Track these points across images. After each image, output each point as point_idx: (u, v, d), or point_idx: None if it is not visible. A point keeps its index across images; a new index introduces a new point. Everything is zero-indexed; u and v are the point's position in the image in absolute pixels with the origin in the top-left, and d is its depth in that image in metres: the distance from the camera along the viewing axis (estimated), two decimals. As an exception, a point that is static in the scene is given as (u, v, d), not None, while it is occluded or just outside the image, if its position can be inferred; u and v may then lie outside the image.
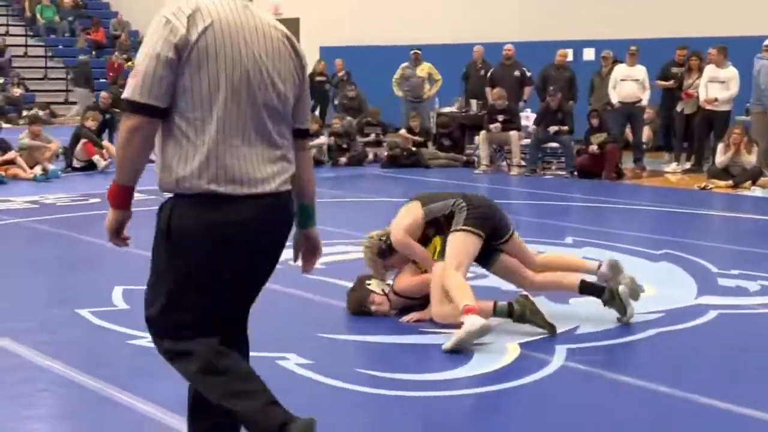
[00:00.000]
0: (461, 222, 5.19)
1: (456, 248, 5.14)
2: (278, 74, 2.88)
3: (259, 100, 2.83)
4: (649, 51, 14.31)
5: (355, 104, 16.75)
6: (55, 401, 3.99)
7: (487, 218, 5.26)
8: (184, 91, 2.73)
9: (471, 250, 5.17)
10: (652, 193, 11.59)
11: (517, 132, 13.28)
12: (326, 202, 10.59)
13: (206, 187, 2.76)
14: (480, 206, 5.30)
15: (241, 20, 2.81)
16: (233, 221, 2.80)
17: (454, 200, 5.32)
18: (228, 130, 2.77)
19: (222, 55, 2.75)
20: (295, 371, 4.38)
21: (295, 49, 2.96)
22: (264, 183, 2.83)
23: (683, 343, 5.01)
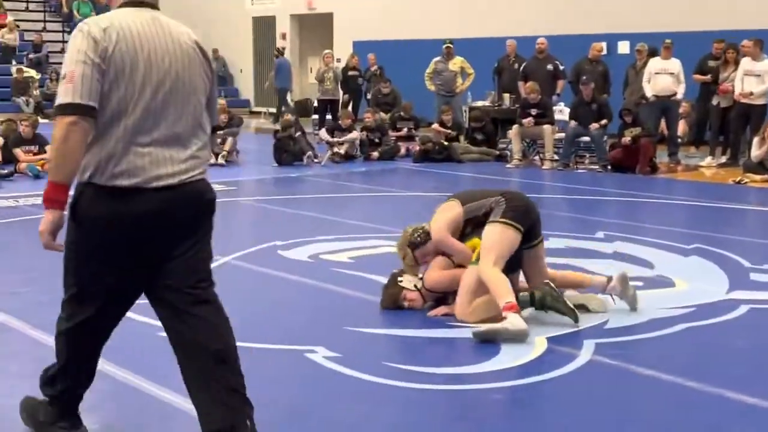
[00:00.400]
0: (499, 214, 5.10)
1: (492, 240, 5.05)
2: (188, 78, 3.16)
3: (170, 103, 3.10)
4: (685, 44, 14.19)
5: (390, 99, 16.76)
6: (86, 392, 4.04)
7: (527, 212, 5.18)
8: (107, 93, 3.01)
9: (507, 243, 5.06)
10: (685, 188, 11.49)
11: (550, 126, 13.21)
12: (357, 197, 10.65)
13: (112, 182, 3.02)
14: (519, 202, 5.22)
15: (152, 31, 3.13)
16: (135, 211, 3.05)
17: (494, 198, 5.23)
18: (136, 130, 3.04)
19: (133, 64, 3.03)
20: (323, 364, 4.41)
21: (203, 54, 3.26)
22: (170, 178, 3.07)
23: (713, 338, 4.97)
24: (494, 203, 5.19)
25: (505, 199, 5.18)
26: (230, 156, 13.37)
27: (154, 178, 3.05)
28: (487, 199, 5.26)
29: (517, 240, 5.09)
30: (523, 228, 5.10)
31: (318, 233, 7.71)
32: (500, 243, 5.04)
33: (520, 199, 5.26)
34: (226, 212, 9.63)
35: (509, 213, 5.09)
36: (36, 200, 9.61)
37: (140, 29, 3.10)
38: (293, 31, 24.51)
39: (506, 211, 5.09)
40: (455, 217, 5.33)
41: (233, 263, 6.64)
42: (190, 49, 3.21)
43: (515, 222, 5.07)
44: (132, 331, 4.90)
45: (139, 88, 3.04)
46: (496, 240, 5.05)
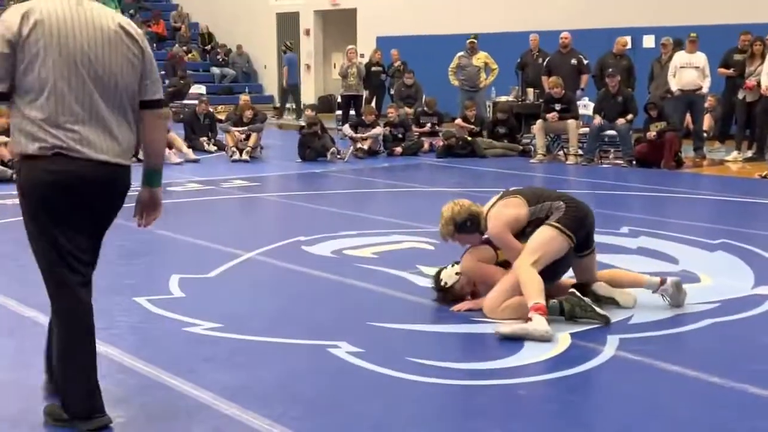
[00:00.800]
0: (556, 218, 5.06)
1: (539, 242, 5.01)
2: (109, 61, 3.40)
3: (89, 84, 3.36)
4: (710, 38, 14.08)
5: (412, 92, 16.76)
6: (113, 387, 4.08)
7: (583, 223, 5.12)
8: (23, 76, 3.29)
9: (554, 249, 5.02)
10: (711, 182, 11.42)
11: (574, 120, 13.16)
12: (381, 192, 10.66)
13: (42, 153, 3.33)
14: (578, 211, 5.15)
15: (72, 15, 3.34)
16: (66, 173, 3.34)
17: (555, 202, 5.15)
18: (59, 110, 3.32)
19: (52, 47, 3.28)
20: (345, 359, 4.43)
21: (130, 36, 3.49)
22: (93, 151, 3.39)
23: (738, 334, 4.94)
24: (554, 207, 5.13)
25: (565, 205, 5.12)
26: (254, 152, 13.43)
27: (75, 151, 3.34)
28: (548, 202, 5.17)
29: (564, 249, 5.06)
30: (575, 238, 5.06)
31: (341, 229, 7.73)
32: (547, 246, 5.02)
33: (579, 208, 5.18)
34: (250, 208, 9.70)
35: (565, 220, 5.06)
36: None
37: (60, 14, 3.32)
38: (317, 26, 24.53)
39: (563, 218, 5.06)
40: (519, 218, 5.19)
41: (257, 258, 6.68)
42: (112, 32, 3.42)
43: (569, 231, 5.04)
44: (158, 327, 4.97)
45: (56, 70, 3.29)
46: (544, 242, 5.02)
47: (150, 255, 6.94)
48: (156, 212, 3.90)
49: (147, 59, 3.55)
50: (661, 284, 5.33)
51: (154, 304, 5.36)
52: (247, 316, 5.17)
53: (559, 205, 5.13)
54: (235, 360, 4.41)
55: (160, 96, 3.65)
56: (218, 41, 25.95)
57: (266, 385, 4.09)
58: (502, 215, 5.20)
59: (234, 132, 13.49)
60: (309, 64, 24.62)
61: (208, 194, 10.02)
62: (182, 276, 6.02)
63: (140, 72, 3.52)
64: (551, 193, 5.33)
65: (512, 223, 5.17)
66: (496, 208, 5.26)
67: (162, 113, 3.69)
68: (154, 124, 3.67)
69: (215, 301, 5.51)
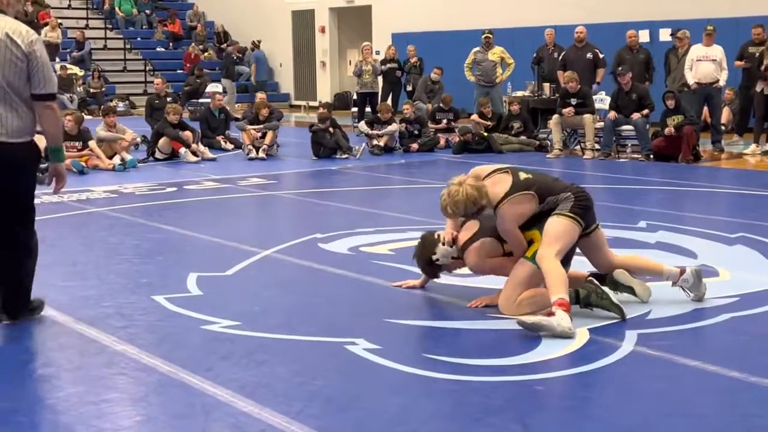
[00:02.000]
0: (567, 208, 5.08)
1: (557, 232, 5.04)
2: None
3: None
4: (727, 31, 14.00)
5: (436, 88, 16.74)
6: (131, 385, 4.11)
7: (588, 209, 5.17)
8: None
9: (570, 237, 5.07)
10: (729, 176, 11.35)
11: (590, 115, 13.11)
12: (397, 189, 10.66)
13: None
14: (586, 200, 5.17)
15: None
16: None
17: (565, 193, 5.15)
18: None
19: None
20: (363, 356, 4.43)
21: (14, 43, 4.56)
22: None
23: (757, 328, 4.91)
24: (561, 198, 5.14)
25: (573, 195, 5.14)
26: (271, 150, 13.44)
27: None
28: (553, 197, 5.16)
29: (577, 235, 5.12)
30: (584, 224, 5.13)
31: (358, 226, 7.73)
32: (567, 237, 5.05)
33: (586, 198, 5.20)
34: (266, 206, 9.71)
35: (576, 209, 5.09)
36: (81, 196, 9.75)
37: None
38: (332, 23, 24.55)
39: (574, 207, 5.08)
40: (527, 214, 5.16)
41: (274, 256, 6.69)
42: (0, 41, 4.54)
43: (580, 218, 5.09)
44: (176, 325, 4.98)
45: None
46: (562, 232, 5.05)
47: (167, 253, 6.96)
48: (61, 182, 4.88)
49: (32, 61, 4.58)
50: (681, 274, 5.31)
51: (172, 302, 5.38)
52: (264, 314, 5.18)
53: (567, 195, 5.14)
54: (252, 357, 4.42)
55: (46, 91, 4.63)
56: (235, 40, 26.00)
57: (284, 382, 4.09)
58: (514, 213, 5.13)
59: (250, 130, 13.51)
60: (324, 61, 24.65)
61: (224, 192, 10.04)
62: (200, 274, 6.03)
63: (26, 72, 4.58)
64: (559, 185, 5.27)
65: (521, 220, 5.18)
66: (508, 203, 5.15)
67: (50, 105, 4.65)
68: (43, 113, 4.68)
69: (233, 298, 5.53)
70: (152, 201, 9.43)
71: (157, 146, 13.01)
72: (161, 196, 9.80)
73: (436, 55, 18.35)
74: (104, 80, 22.77)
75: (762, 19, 13.95)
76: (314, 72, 24.99)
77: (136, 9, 26.79)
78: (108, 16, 26.65)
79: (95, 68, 22.67)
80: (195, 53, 24.69)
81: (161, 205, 9.20)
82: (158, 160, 12.89)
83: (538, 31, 16.33)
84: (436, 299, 5.49)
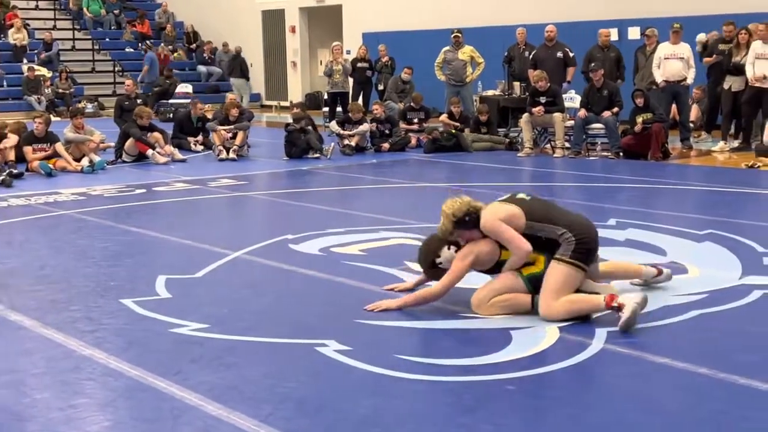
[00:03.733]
0: (568, 253, 4.95)
1: (558, 282, 4.92)
2: None
3: None
4: (695, 28, 14.10)
5: (407, 87, 16.74)
6: (98, 389, 4.06)
7: (592, 251, 5.06)
8: None
9: (572, 284, 4.97)
10: (698, 173, 11.44)
11: (560, 114, 13.15)
12: (368, 189, 10.64)
13: None
14: (588, 239, 5.02)
15: None
16: None
17: (563, 231, 5.00)
18: None
19: None
20: (333, 358, 4.41)
21: None
22: None
23: (726, 325, 4.94)
24: (561, 237, 5.00)
25: (574, 236, 4.98)
26: (241, 150, 13.38)
27: None
28: (556, 229, 5.02)
29: (580, 280, 5.01)
30: (588, 267, 5.03)
31: (329, 226, 7.71)
32: (567, 286, 4.94)
33: (587, 235, 5.04)
34: (237, 207, 9.66)
35: (577, 254, 4.96)
36: (48, 198, 9.65)
37: None
38: (302, 23, 24.48)
39: (575, 253, 4.95)
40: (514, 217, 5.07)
41: (244, 258, 6.65)
42: None
43: (582, 263, 4.97)
44: (145, 329, 4.94)
45: None
46: (563, 283, 4.93)
47: (136, 256, 6.90)
48: None
49: None
50: (658, 275, 5.45)
51: (141, 305, 5.33)
52: (234, 316, 5.15)
53: (569, 237, 4.97)
54: (222, 360, 4.38)
55: None
56: (206, 40, 25.86)
57: (253, 385, 4.07)
58: (496, 212, 5.10)
59: (220, 131, 13.44)
60: (295, 61, 24.57)
61: (195, 194, 9.98)
62: (169, 276, 5.99)
63: None
64: (559, 215, 5.13)
65: (506, 219, 5.06)
66: (492, 204, 5.19)
67: None
68: None
69: (202, 301, 5.49)
70: (121, 203, 9.34)
71: (123, 148, 12.89)
72: (130, 198, 9.72)
73: (407, 54, 18.35)
74: (72, 81, 22.56)
75: (730, 17, 14.06)
76: (285, 72, 24.90)
77: (105, 9, 26.57)
78: (76, 17, 26.41)
79: (63, 69, 22.45)
80: (164, 54, 24.53)
81: (130, 207, 9.12)
82: (126, 162, 12.78)
83: (508, 30, 16.37)
84: (407, 299, 5.48)
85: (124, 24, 26.69)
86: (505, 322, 4.95)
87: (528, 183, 11.13)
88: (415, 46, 19.36)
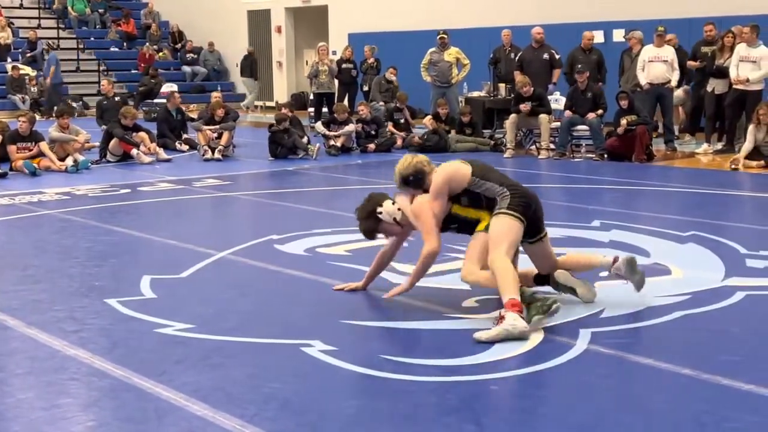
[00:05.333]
0: (505, 206, 5.10)
1: (500, 231, 5.05)
2: None
3: None
4: (679, 31, 14.17)
5: (392, 87, 16.76)
6: (82, 390, 4.05)
7: (530, 207, 5.16)
8: None
9: (515, 234, 5.07)
10: (682, 175, 11.49)
11: (546, 115, 13.18)
12: (353, 189, 10.63)
13: None
14: (522, 197, 5.17)
15: None
16: None
17: (502, 190, 5.17)
18: None
19: None
20: (319, 358, 4.41)
21: None
22: None
23: (709, 326, 4.97)
24: (499, 194, 5.17)
25: (509, 192, 5.16)
26: (226, 150, 13.36)
27: None
28: (495, 186, 5.20)
29: (521, 230, 5.11)
30: (525, 220, 5.10)
31: (314, 227, 7.71)
32: (510, 233, 5.05)
33: (524, 194, 5.21)
34: (222, 207, 9.65)
35: (514, 206, 5.09)
36: (32, 198, 9.61)
37: None
38: (288, 23, 24.46)
39: (512, 204, 5.10)
40: (459, 172, 5.30)
41: (230, 258, 6.64)
42: None
43: (520, 214, 5.08)
44: (129, 329, 4.93)
45: None
46: (506, 231, 5.05)
47: (120, 256, 6.89)
48: None
49: None
50: (613, 263, 5.32)
51: (125, 305, 5.32)
52: (219, 317, 5.14)
53: (504, 192, 5.16)
54: (207, 361, 4.38)
55: None
56: (188, 39, 25.81)
57: (238, 385, 4.07)
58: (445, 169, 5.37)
59: (206, 131, 13.42)
60: (281, 61, 24.55)
61: (180, 194, 9.96)
62: (153, 277, 5.97)
63: None
64: (500, 177, 5.34)
65: (454, 178, 5.28)
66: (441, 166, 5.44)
67: None
68: None
69: (187, 301, 5.48)
70: (106, 203, 9.32)
71: (108, 148, 12.86)
72: (115, 197, 9.69)
73: (392, 55, 18.37)
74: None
75: (713, 20, 14.14)
76: (271, 72, 24.88)
77: (89, 8, 26.47)
78: (61, 16, 26.29)
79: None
80: (149, 53, 24.45)
81: (115, 206, 9.09)
82: (110, 162, 12.74)
83: (494, 32, 16.41)
84: (392, 300, 5.48)
85: (109, 23, 26.61)
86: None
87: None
88: (401, 47, 19.38)
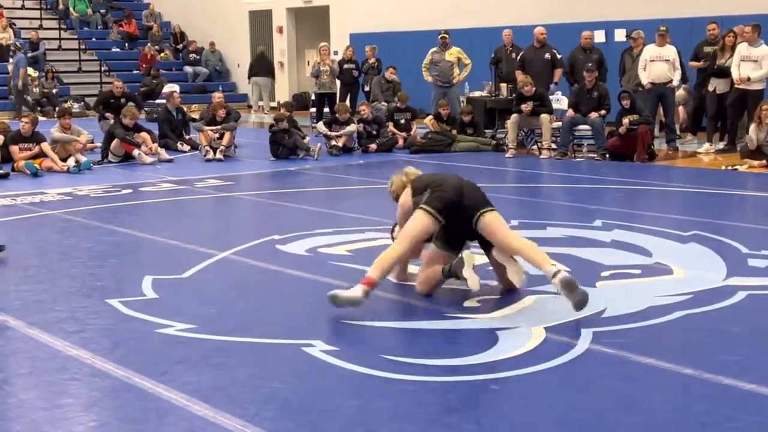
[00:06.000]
0: (420, 202, 5.50)
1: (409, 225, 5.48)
2: None
3: None
4: (681, 31, 14.16)
5: (392, 87, 16.76)
6: (84, 390, 4.05)
7: (442, 198, 5.43)
8: None
9: (419, 226, 5.42)
10: (683, 174, 11.48)
11: (547, 115, 13.18)
12: (355, 190, 10.64)
13: None
14: (443, 189, 5.48)
15: None
16: None
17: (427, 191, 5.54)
18: None
19: None
20: (320, 358, 4.41)
21: None
22: None
23: (711, 325, 4.97)
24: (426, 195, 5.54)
25: (431, 189, 5.52)
26: (228, 151, 13.36)
27: None
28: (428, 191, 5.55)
29: (429, 223, 5.41)
30: (436, 210, 5.39)
31: (316, 227, 7.71)
32: (412, 226, 5.44)
33: (444, 188, 5.50)
34: (223, 207, 9.65)
35: (429, 200, 5.45)
36: (34, 198, 9.62)
37: None
38: (290, 24, 24.46)
39: (428, 199, 5.46)
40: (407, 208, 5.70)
41: (231, 258, 6.65)
42: None
43: (430, 207, 5.40)
44: (131, 329, 4.93)
45: None
46: (410, 224, 5.47)
47: (122, 256, 6.89)
48: None
49: None
50: (553, 276, 5.06)
51: (127, 306, 5.32)
52: (220, 317, 5.14)
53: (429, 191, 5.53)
54: (208, 361, 4.38)
55: None
56: (190, 40, 25.81)
57: (239, 385, 4.07)
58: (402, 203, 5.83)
59: (207, 131, 13.42)
60: (282, 62, 24.55)
61: (181, 194, 9.96)
62: (155, 277, 5.98)
63: None
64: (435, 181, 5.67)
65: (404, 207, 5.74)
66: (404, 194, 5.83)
67: None
68: None
69: (189, 301, 5.48)
70: (107, 203, 9.32)
71: (109, 149, 12.86)
72: (116, 198, 9.69)
73: (394, 55, 18.37)
74: (59, 81, 22.48)
75: (715, 19, 14.13)
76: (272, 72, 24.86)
77: (91, 9, 26.49)
78: (62, 17, 26.31)
79: (49, 69, 22.36)
80: (151, 54, 24.46)
81: (116, 207, 9.10)
82: (112, 162, 12.74)
83: (495, 32, 16.40)
84: (393, 300, 5.49)
85: (110, 24, 26.62)
86: (492, 322, 4.97)
87: (514, 184, 11.16)
88: (402, 47, 19.38)
